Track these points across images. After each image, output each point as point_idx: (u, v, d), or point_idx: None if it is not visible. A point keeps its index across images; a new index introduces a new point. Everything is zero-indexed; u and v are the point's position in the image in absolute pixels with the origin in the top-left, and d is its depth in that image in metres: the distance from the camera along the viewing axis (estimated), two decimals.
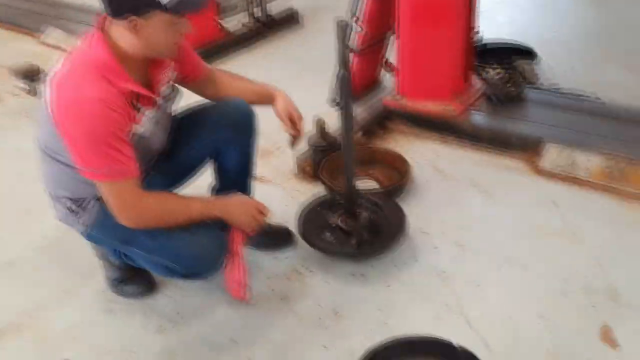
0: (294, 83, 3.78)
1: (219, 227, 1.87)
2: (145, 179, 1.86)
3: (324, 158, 2.62)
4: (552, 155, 2.56)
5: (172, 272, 1.82)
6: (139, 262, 1.88)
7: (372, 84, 3.45)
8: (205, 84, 1.98)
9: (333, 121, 2.82)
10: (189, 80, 1.93)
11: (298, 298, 2.01)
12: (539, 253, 2.13)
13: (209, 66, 2.02)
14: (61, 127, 1.57)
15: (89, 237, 1.88)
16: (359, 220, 2.13)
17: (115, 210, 1.66)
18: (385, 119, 3.03)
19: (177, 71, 1.86)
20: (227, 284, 1.86)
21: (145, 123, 1.72)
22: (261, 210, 1.87)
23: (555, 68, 3.57)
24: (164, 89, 1.78)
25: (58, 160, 1.71)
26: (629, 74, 3.50)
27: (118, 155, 1.57)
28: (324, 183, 2.51)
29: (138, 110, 1.67)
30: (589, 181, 2.44)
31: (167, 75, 1.80)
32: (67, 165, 1.67)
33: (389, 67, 3.51)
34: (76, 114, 1.54)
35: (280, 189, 2.62)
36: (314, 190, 2.56)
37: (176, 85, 1.89)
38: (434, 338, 1.69)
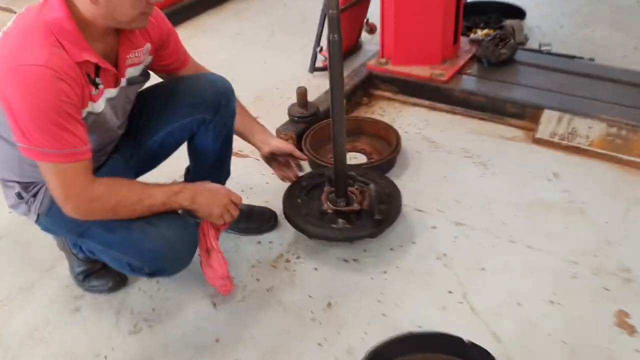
0: (268, 46, 3.55)
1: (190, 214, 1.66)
2: (106, 163, 1.64)
3: (307, 130, 2.41)
4: (551, 123, 2.40)
5: (135, 270, 1.61)
6: (100, 257, 1.67)
7: (352, 47, 3.22)
8: None
9: (314, 89, 2.61)
10: (170, 70, 1.73)
11: (286, 288, 1.83)
12: (543, 230, 1.98)
13: (196, 62, 1.81)
14: (1, 95, 1.33)
15: (43, 227, 1.66)
16: (369, 196, 1.92)
17: (59, 197, 1.42)
18: (370, 85, 2.82)
19: (154, 56, 1.64)
20: (210, 282, 1.66)
21: (104, 102, 1.48)
22: (234, 201, 1.64)
23: (543, 27, 3.41)
24: (131, 70, 1.55)
25: (2, 137, 1.48)
26: (617, 32, 3.35)
27: (65, 134, 1.34)
28: (307, 157, 2.30)
29: (96, 86, 1.43)
30: (590, 150, 2.29)
31: (140, 57, 1.56)
32: (13, 144, 1.43)
33: (370, 28, 3.29)
34: (18, 82, 1.29)
35: (259, 164, 2.38)
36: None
37: (148, 71, 1.66)
38: (442, 334, 1.53)
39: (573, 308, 1.70)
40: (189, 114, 1.69)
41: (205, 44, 3.46)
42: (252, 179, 2.31)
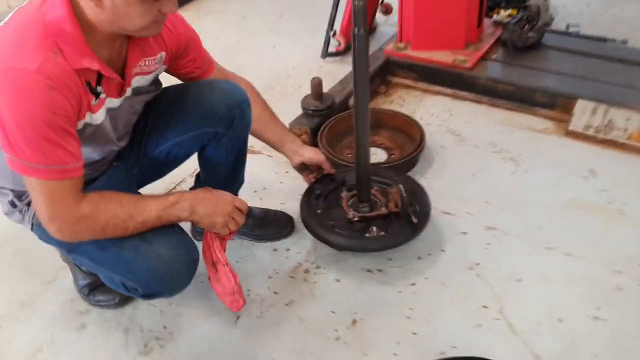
0: (276, 29, 3.36)
1: None
2: (106, 172, 1.49)
3: (322, 124, 2.25)
4: (585, 114, 2.24)
5: (130, 290, 1.46)
6: (96, 273, 1.53)
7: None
8: None
9: (327, 76, 2.45)
10: (191, 79, 1.58)
11: (307, 303, 1.70)
12: (582, 235, 1.83)
13: (223, 68, 1.65)
14: None
15: (39, 237, 1.51)
16: (396, 197, 1.76)
17: (43, 217, 1.27)
18: (387, 72, 2.65)
19: (173, 65, 1.49)
20: (220, 298, 1.52)
21: (104, 113, 1.32)
22: (239, 207, 1.48)
23: (569, 6, 3.21)
24: (140, 79, 1.38)
25: None
26: None
27: (55, 149, 1.19)
28: (324, 154, 2.14)
29: (97, 95, 1.27)
30: (628, 144, 2.13)
31: (151, 66, 1.39)
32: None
33: (385, 8, 3.10)
34: (7, 87, 1.14)
35: (272, 161, 2.25)
36: None
37: (160, 81, 1.50)
38: (482, 359, 1.40)
39: (619, 324, 1.57)
40: (200, 126, 1.53)
41: (208, 28, 3.27)
42: (265, 178, 2.17)
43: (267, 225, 1.89)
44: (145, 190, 1.68)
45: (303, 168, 1.85)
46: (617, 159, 2.12)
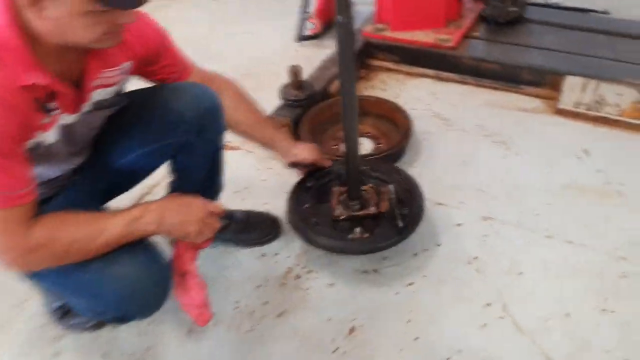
0: (249, 13, 3.20)
1: None
2: (65, 189, 1.35)
3: (303, 114, 2.13)
4: (574, 91, 2.15)
5: (99, 315, 1.34)
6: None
7: None
8: None
9: (304, 61, 2.31)
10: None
11: (300, 312, 1.59)
12: (581, 220, 1.76)
13: (202, 70, 1.50)
14: None
15: None
16: (387, 198, 1.65)
17: None
18: (367, 55, 2.53)
19: (144, 72, 1.35)
20: (185, 309, 1.38)
21: (58, 131, 1.17)
22: (212, 211, 1.34)
23: None
24: (101, 92, 1.23)
25: None
26: None
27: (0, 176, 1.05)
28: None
29: (48, 112, 1.11)
30: (621, 121, 2.06)
31: (114, 77, 1.24)
32: None
33: None
34: None
35: (253, 157, 2.12)
36: None
37: (125, 93, 1.35)
38: None
39: (628, 316, 1.50)
40: (167, 136, 1.38)
41: (176, 16, 3.10)
42: (246, 176, 2.04)
43: (251, 229, 1.77)
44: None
45: (296, 164, 1.73)
46: (611, 137, 2.05)
